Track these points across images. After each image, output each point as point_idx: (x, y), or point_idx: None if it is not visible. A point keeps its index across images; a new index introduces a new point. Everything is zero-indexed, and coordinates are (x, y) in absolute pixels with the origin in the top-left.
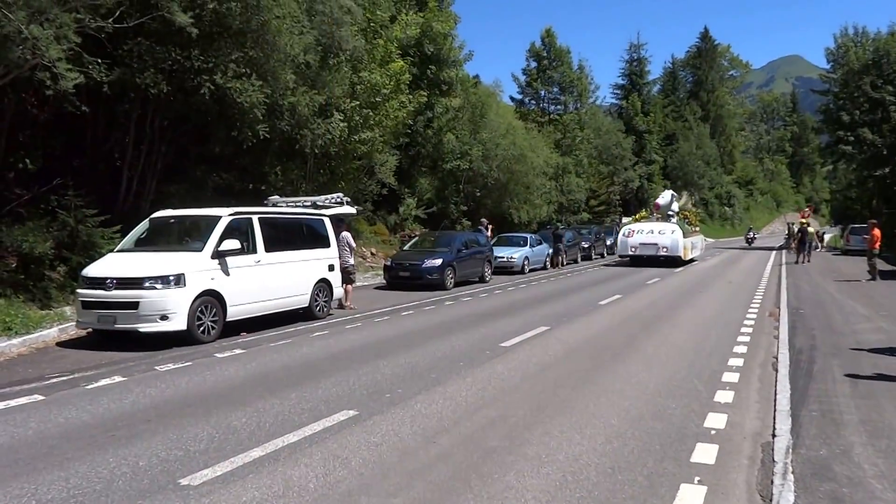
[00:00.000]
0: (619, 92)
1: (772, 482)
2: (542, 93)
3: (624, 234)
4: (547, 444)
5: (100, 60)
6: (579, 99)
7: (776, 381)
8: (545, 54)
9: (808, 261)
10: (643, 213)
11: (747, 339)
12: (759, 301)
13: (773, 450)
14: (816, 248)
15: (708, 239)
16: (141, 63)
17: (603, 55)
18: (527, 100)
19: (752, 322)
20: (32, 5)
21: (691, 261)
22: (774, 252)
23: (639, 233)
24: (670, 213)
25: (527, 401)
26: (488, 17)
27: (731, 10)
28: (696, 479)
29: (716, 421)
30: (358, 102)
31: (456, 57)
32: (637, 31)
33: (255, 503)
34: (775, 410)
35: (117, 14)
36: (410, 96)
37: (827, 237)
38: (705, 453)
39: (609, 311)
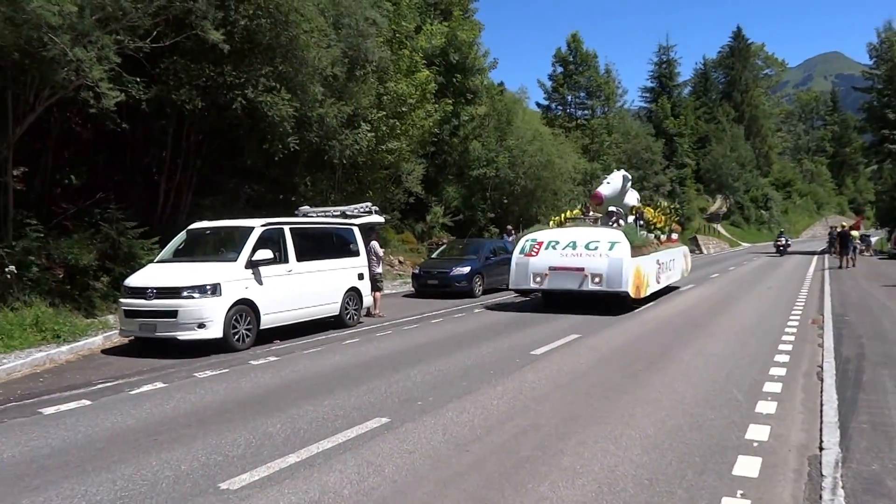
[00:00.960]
0: (647, 95)
1: (820, 497)
2: (569, 98)
3: (521, 252)
4: (581, 455)
5: (138, 79)
6: (607, 103)
7: (822, 392)
8: (571, 59)
9: (853, 265)
10: (575, 210)
11: (789, 347)
12: (801, 308)
13: (820, 463)
14: (862, 252)
15: (743, 243)
16: (177, 80)
17: (631, 58)
18: (553, 105)
19: (794, 330)
20: (76, 29)
21: (665, 291)
22: (816, 257)
23: (549, 248)
24: (613, 209)
25: (559, 410)
26: (513, 24)
27: (766, 8)
28: (739, 492)
29: (758, 433)
30: (385, 112)
31: (481, 65)
32: (666, 33)
33: None
34: (822, 422)
35: (154, 34)
36: (436, 105)
37: (873, 240)
38: (748, 466)
39: (642, 318)
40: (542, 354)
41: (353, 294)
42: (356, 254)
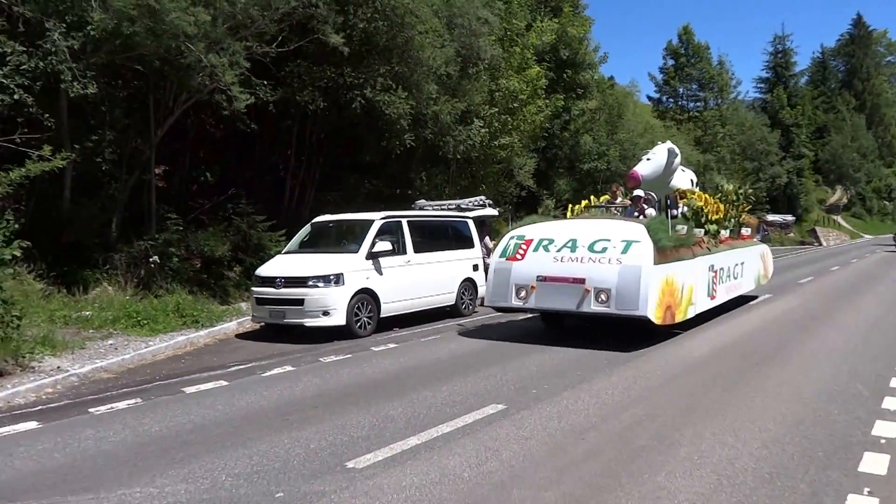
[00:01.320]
0: (762, 85)
1: None
2: (681, 90)
3: (502, 255)
4: (698, 446)
5: (265, 82)
6: (720, 94)
7: None
8: (683, 52)
9: None
10: (604, 196)
11: None
12: None
13: None
14: None
15: (865, 235)
16: (300, 82)
17: (745, 48)
18: (664, 98)
19: None
20: (210, 37)
21: (733, 305)
22: None
23: (540, 249)
24: (640, 194)
25: (675, 401)
26: (622, 18)
27: None
28: (866, 490)
29: (885, 429)
30: (497, 109)
31: (591, 60)
32: (782, 22)
33: (414, 488)
34: None
35: (279, 40)
36: (547, 101)
37: None
38: (875, 463)
39: (759, 311)
40: (658, 346)
41: (469, 284)
42: (471, 245)
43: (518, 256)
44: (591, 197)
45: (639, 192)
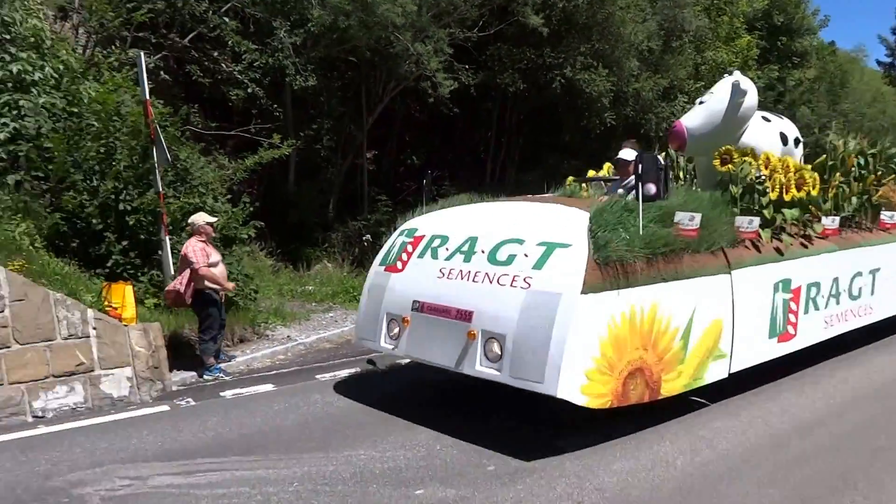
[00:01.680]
0: None
1: None
2: None
3: (382, 263)
4: None
5: (467, 66)
6: None
7: None
8: None
9: None
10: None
11: None
12: None
13: None
14: None
15: None
16: (500, 65)
17: None
18: None
19: None
20: (416, 26)
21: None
22: None
23: (427, 253)
24: (628, 157)
25: None
26: None
27: None
28: None
29: None
30: (703, 83)
31: (809, 24)
32: None
33: (625, 472)
34: None
35: (480, 24)
36: (759, 72)
37: None
38: None
39: None
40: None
41: None
42: None
43: (399, 265)
44: (607, 165)
45: (624, 154)
